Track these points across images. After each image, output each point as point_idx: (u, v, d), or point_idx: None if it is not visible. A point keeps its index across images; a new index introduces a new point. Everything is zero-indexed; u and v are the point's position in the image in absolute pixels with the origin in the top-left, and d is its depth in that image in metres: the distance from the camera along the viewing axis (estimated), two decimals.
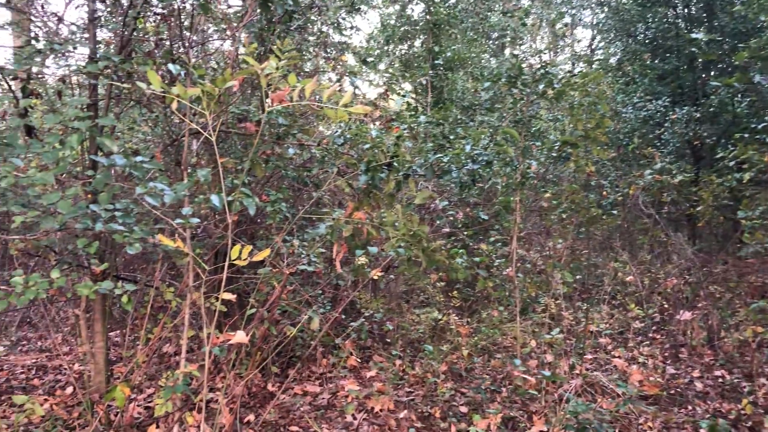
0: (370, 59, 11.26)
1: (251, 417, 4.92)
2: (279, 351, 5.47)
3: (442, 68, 8.35)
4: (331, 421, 4.99)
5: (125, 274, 7.48)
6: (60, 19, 5.62)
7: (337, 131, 4.62)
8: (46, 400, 5.43)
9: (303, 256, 4.60)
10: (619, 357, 6.28)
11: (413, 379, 5.60)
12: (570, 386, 5.18)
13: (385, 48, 11.47)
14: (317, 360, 6.07)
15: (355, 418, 4.98)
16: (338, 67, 8.56)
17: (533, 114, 5.32)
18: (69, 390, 5.72)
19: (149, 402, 5.34)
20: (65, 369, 6.47)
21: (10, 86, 5.08)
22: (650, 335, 7.22)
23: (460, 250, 4.75)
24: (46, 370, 6.48)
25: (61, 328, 7.53)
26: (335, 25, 8.37)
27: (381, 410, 5.07)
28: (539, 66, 5.35)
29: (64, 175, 4.45)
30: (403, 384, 5.55)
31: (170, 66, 3.47)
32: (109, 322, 5.89)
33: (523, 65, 5.52)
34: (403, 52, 11.07)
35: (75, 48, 4.15)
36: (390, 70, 9.94)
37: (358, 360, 6.07)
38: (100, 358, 5.43)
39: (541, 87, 4.77)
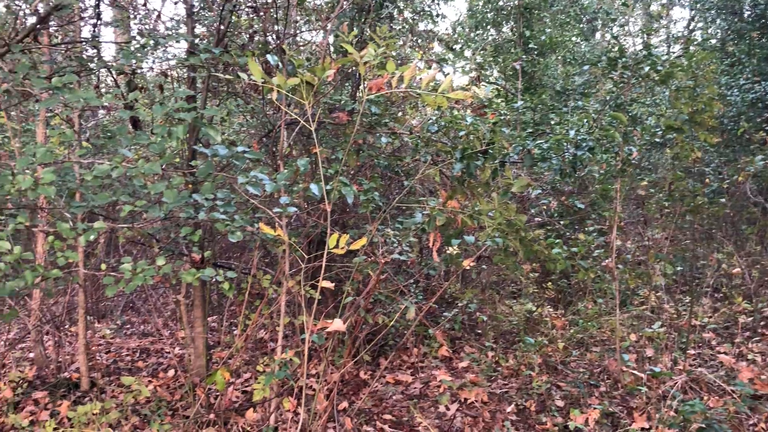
0: (456, 46, 11.12)
1: (345, 404, 4.97)
2: (370, 339, 5.50)
3: (536, 53, 8.12)
4: (424, 411, 4.97)
5: (221, 261, 7.71)
6: (158, 15, 5.81)
7: (430, 119, 4.56)
8: (150, 381, 5.68)
9: (396, 245, 4.58)
10: (725, 353, 5.94)
11: (507, 371, 5.50)
12: (674, 383, 4.94)
13: (472, 34, 11.29)
14: (408, 349, 6.07)
15: (448, 409, 4.94)
16: (426, 54, 8.48)
17: (634, 98, 5.07)
18: (171, 373, 5.96)
19: (246, 386, 5.48)
20: (167, 352, 6.75)
21: (116, 80, 5.31)
22: (759, 331, 6.80)
23: (557, 241, 4.61)
24: (149, 353, 6.78)
25: (162, 313, 7.86)
26: (422, 12, 8.29)
27: (475, 401, 5.00)
28: (641, 47, 5.10)
29: (164, 166, 4.60)
30: (496, 376, 5.45)
31: (268, 57, 3.50)
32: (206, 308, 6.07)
33: (616, 48, 5.27)
34: (492, 38, 10.86)
35: (178, 42, 4.27)
36: (479, 57, 9.78)
37: (449, 350, 6.02)
38: (200, 343, 5.62)
39: (646, 69, 4.53)
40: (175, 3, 6.02)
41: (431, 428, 4.61)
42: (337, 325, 3.42)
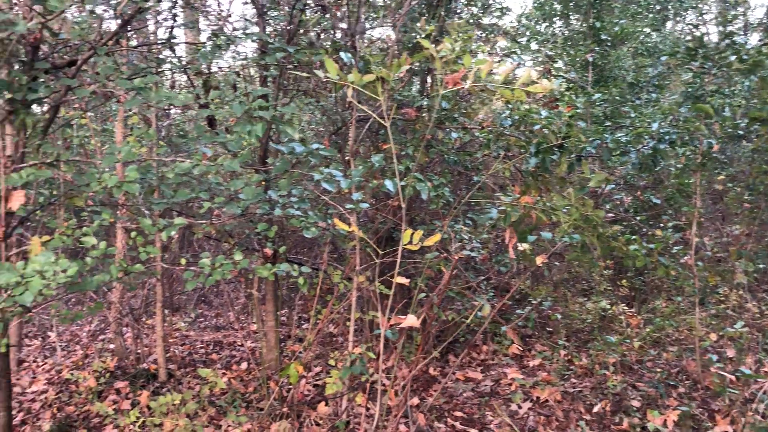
0: (522, 39, 10.93)
1: (415, 400, 4.96)
2: (439, 336, 5.47)
3: (608, 44, 7.90)
4: (495, 409, 4.92)
5: (290, 257, 7.82)
6: (228, 15, 5.92)
7: (500, 113, 4.50)
8: (224, 374, 5.82)
9: (466, 241, 4.54)
10: None
11: (580, 369, 5.38)
12: (759, 386, 4.73)
13: (538, 27, 11.08)
14: (478, 346, 6.02)
15: (520, 408, 4.87)
16: (493, 48, 8.37)
17: (715, 89, 4.86)
18: (244, 365, 6.09)
19: (317, 380, 5.55)
20: (239, 345, 6.90)
21: (190, 80, 5.44)
22: None
23: (633, 237, 4.47)
24: (222, 346, 6.95)
25: (233, 307, 8.05)
26: (486, 6, 8.19)
27: (547, 400, 4.92)
28: (718, 36, 4.89)
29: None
30: (569, 374, 5.35)
31: (341, 54, 3.52)
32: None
33: (689, 38, 5.08)
34: (560, 30, 10.63)
35: (253, 41, 4.34)
36: (547, 49, 9.59)
37: (520, 348, 5.94)
38: (272, 337, 5.73)
39: (732, 58, 4.34)
40: (245, 3, 6.12)
41: (503, 426, 4.56)
42: (411, 321, 3.42)
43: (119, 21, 4.41)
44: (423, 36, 2.97)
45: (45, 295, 3.01)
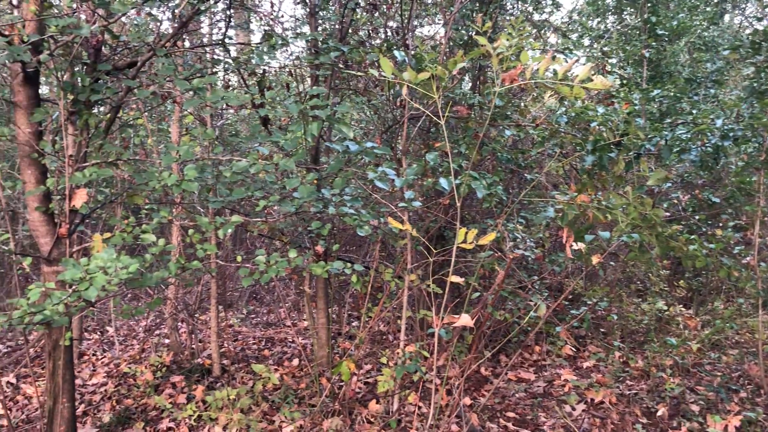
0: (573, 36, 10.74)
1: (467, 400, 4.93)
2: (490, 335, 5.43)
3: (666, 39, 7.70)
4: (548, 410, 4.86)
5: (339, 255, 7.87)
6: (279, 16, 5.98)
7: (557, 110, 4.43)
8: (276, 370, 5.89)
9: (519, 240, 4.49)
10: None
11: (636, 372, 5.26)
12: None
13: (590, 23, 10.86)
14: (530, 346, 5.95)
15: (574, 409, 4.79)
16: (544, 45, 8.26)
17: None
18: (295, 362, 6.15)
19: (368, 378, 5.57)
20: (290, 342, 6.98)
21: (244, 80, 5.52)
22: None
23: (692, 236, 4.35)
24: (274, 342, 7.04)
25: (284, 304, 8.13)
26: (537, 3, 8.08)
27: (602, 402, 4.83)
28: None
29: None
30: (624, 377, 5.24)
31: (396, 53, 3.52)
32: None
33: (750, 31, 4.90)
34: (613, 25, 10.41)
35: (307, 41, 4.38)
36: (604, 45, 9.40)
37: (573, 349, 5.85)
38: (323, 334, 5.77)
39: None
40: (297, 3, 6.18)
41: (557, 428, 4.49)
42: (465, 320, 3.39)
43: (175, 23, 4.50)
44: (478, 33, 2.94)
45: (107, 290, 3.09)
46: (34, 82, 3.68)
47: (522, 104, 5.41)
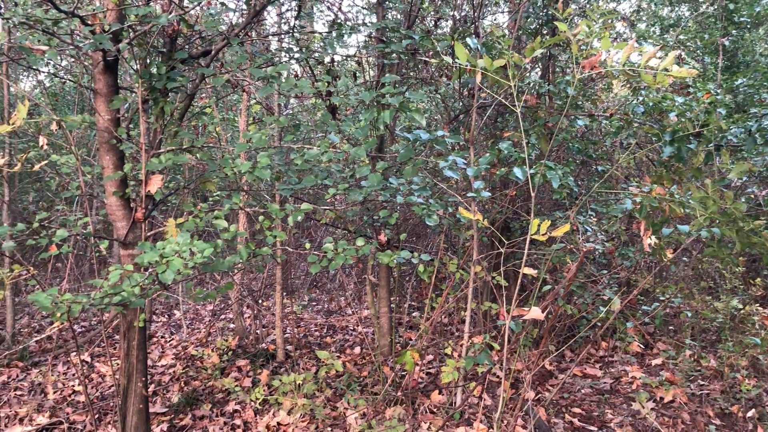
0: (641, 25, 10.42)
1: (531, 394, 4.87)
2: (554, 329, 5.33)
3: (746, 27, 7.37)
4: (615, 407, 4.75)
5: (403, 245, 7.86)
6: (338, 6, 5.98)
7: (631, 100, 4.29)
8: (338, 356, 5.94)
9: (590, 233, 4.38)
10: None
11: (708, 371, 5.09)
12: None
13: (661, 12, 10.51)
14: (596, 342, 5.82)
15: (643, 407, 4.67)
16: (610, 33, 8.03)
17: None
18: (357, 350, 6.19)
19: (430, 368, 5.56)
20: (352, 330, 7.03)
21: (311, 69, 5.55)
22: None
23: None
24: (335, 330, 7.10)
25: (345, 292, 8.20)
26: None
27: (672, 401, 4.69)
28: None
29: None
30: (696, 376, 5.07)
31: (468, 40, 3.46)
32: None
33: None
34: (685, 14, 10.05)
35: (378, 30, 4.36)
36: (677, 34, 9.09)
37: (641, 345, 5.69)
38: (385, 323, 5.79)
39: None
40: None
41: (625, 426, 4.39)
42: (535, 313, 3.34)
43: (244, 12, 4.56)
44: (558, 19, 2.86)
45: (182, 274, 3.16)
46: (113, 70, 3.79)
47: (593, 94, 5.26)
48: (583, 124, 4.59)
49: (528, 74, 5.81)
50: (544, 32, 6.09)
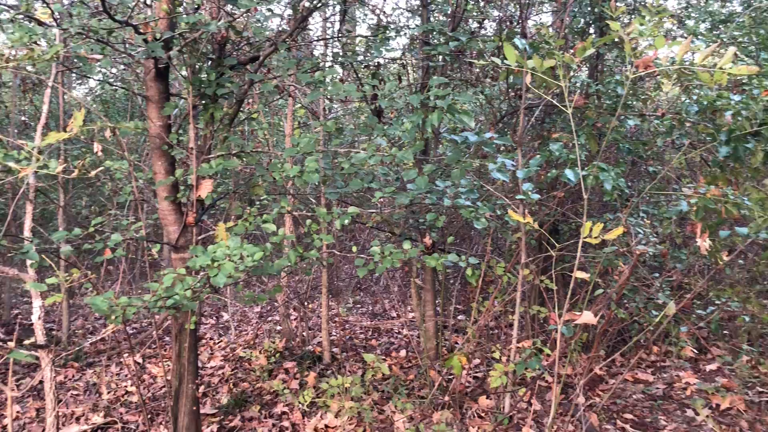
0: (689, 21, 10.15)
1: (581, 399, 4.78)
2: (605, 333, 5.23)
3: None
4: (669, 413, 4.63)
5: (447, 248, 7.82)
6: (381, 9, 5.97)
7: (684, 99, 4.19)
8: (383, 360, 5.94)
9: (642, 235, 4.29)
10: None
11: (767, 378, 4.92)
12: None
13: (710, 8, 10.22)
14: (647, 346, 5.69)
15: (697, 414, 4.54)
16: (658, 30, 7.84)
17: None
18: (402, 353, 6.18)
19: (477, 372, 5.51)
20: (397, 333, 7.02)
21: (357, 73, 5.56)
22: None
23: None
24: (380, 333, 7.10)
25: (390, 294, 8.20)
26: None
27: (729, 409, 4.55)
28: None
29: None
30: (754, 382, 4.91)
31: (516, 41, 3.43)
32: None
33: None
34: (739, 9, 9.75)
35: (425, 32, 4.36)
36: (731, 30, 8.82)
37: (695, 350, 5.54)
38: (431, 326, 5.77)
39: None
40: None
41: None
42: (587, 317, 3.27)
43: (289, 18, 4.60)
44: (611, 18, 2.81)
45: (233, 277, 3.20)
46: (164, 77, 3.87)
47: (642, 93, 5.15)
48: (634, 124, 4.49)
49: (576, 74, 5.72)
50: (591, 31, 5.99)
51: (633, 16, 5.86)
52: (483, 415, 4.62)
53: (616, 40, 3.93)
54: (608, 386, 5.06)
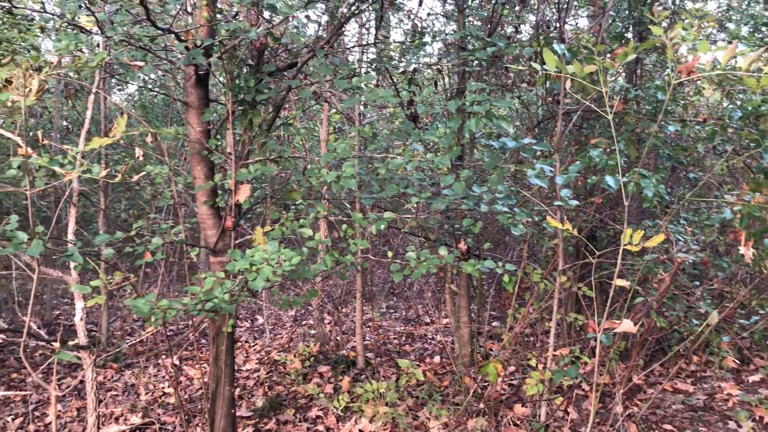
0: (730, 24, 9.96)
1: (619, 408, 4.71)
2: (643, 342, 5.14)
3: None
4: (710, 425, 4.52)
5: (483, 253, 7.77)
6: (417, 15, 5.98)
7: (727, 104, 4.10)
8: (417, 365, 5.93)
9: (682, 243, 4.21)
10: None
11: None
12: None
13: (753, 10, 10.02)
14: (686, 356, 5.58)
15: (740, 426, 4.44)
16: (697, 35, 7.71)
17: None
18: (437, 359, 6.16)
19: (512, 380, 5.46)
20: (430, 339, 7.00)
21: (392, 79, 5.58)
22: None
23: None
24: (414, 338, 7.09)
25: (424, 300, 8.19)
26: None
27: None
28: None
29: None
30: None
31: (555, 46, 3.40)
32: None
33: None
34: None
35: (459, 38, 4.35)
36: None
37: (737, 361, 5.42)
38: (465, 332, 5.74)
39: None
40: (445, 2, 6.16)
41: None
42: (627, 326, 3.22)
43: (327, 24, 4.63)
44: (652, 22, 2.77)
45: (271, 281, 3.22)
46: (204, 83, 3.93)
47: (683, 98, 5.06)
48: (674, 130, 4.42)
49: (614, 79, 5.65)
50: (629, 36, 5.91)
51: (672, 20, 5.76)
52: (518, 423, 4.58)
53: (657, 45, 3.87)
54: (647, 396, 4.97)
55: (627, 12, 5.53)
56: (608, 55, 5.03)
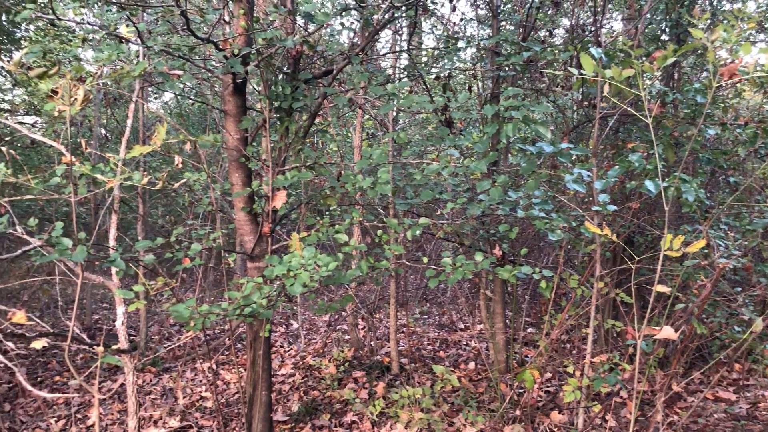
0: None
1: (659, 416, 4.62)
2: (684, 349, 5.05)
3: None
4: None
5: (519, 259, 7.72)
6: (450, 20, 5.98)
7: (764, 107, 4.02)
8: (452, 371, 5.90)
9: (723, 248, 4.13)
10: None
11: None
12: None
13: None
14: (728, 364, 5.46)
15: None
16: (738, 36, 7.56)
17: None
18: (471, 365, 6.13)
19: (549, 386, 5.41)
20: (464, 345, 6.97)
21: (426, 85, 5.59)
22: None
23: None
24: (448, 344, 7.07)
25: (458, 306, 8.15)
26: None
27: None
28: None
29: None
30: None
31: (591, 50, 3.37)
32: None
33: None
34: None
35: (494, 44, 4.34)
36: None
37: None
38: (500, 338, 5.70)
39: None
40: (478, 7, 6.15)
41: None
42: (668, 333, 3.18)
43: (361, 31, 4.66)
44: (692, 25, 2.73)
45: (308, 286, 3.25)
46: (241, 92, 3.98)
47: (722, 101, 4.97)
48: (714, 133, 4.34)
49: (652, 82, 5.58)
50: (665, 38, 5.83)
51: (712, 22, 5.67)
52: (555, 430, 4.53)
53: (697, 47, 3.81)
54: (687, 404, 4.88)
55: (664, 14, 5.45)
56: (645, 58, 4.98)
